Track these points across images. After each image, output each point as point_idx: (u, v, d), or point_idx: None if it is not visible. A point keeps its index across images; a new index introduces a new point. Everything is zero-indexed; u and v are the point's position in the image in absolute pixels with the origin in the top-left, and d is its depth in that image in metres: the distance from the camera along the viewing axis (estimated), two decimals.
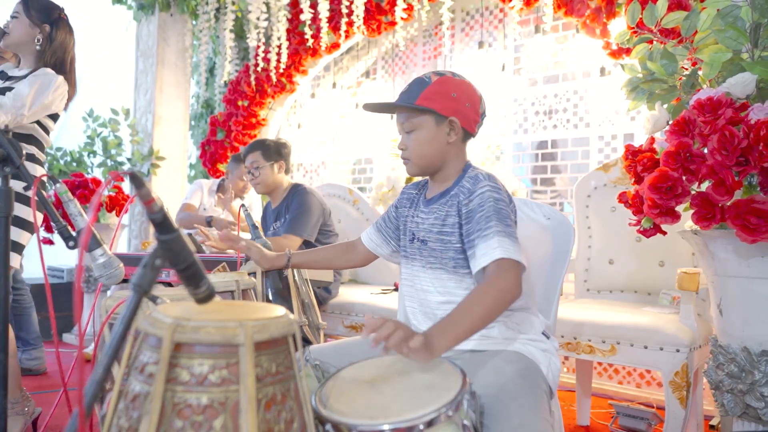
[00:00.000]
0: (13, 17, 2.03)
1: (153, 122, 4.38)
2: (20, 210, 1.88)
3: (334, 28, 3.69)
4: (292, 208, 2.56)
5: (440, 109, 1.25)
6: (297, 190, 2.62)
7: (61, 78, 1.98)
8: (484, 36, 3.56)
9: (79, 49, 2.14)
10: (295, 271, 1.98)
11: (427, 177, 1.38)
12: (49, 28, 2.02)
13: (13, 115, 1.85)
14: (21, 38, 2.01)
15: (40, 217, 1.96)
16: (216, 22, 4.35)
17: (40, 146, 2.02)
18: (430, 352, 1.00)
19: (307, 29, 3.71)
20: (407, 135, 1.30)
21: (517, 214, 1.62)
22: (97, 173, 4.32)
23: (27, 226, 1.90)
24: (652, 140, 1.54)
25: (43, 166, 2.04)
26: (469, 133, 1.31)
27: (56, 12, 2.06)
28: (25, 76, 1.95)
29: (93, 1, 4.72)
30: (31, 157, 1.97)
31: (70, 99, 2.10)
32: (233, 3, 4.06)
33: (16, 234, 1.88)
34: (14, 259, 1.90)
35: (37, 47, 2.01)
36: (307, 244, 2.53)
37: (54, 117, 2.06)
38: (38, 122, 1.99)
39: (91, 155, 4.32)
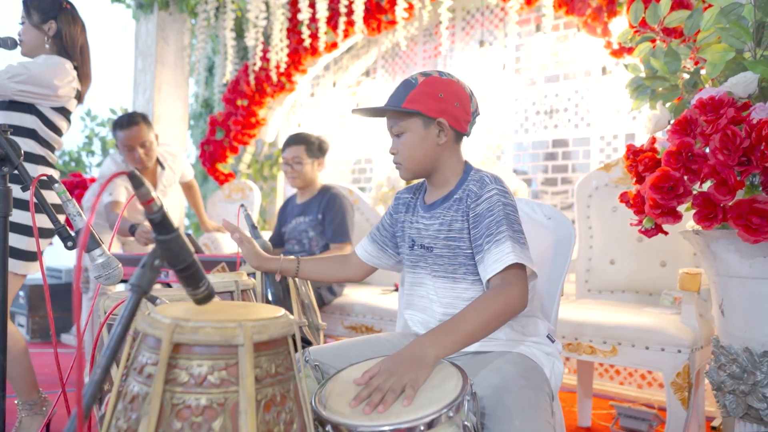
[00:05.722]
0: (21, 23, 1.95)
1: (152, 122, 4.36)
2: (29, 218, 1.82)
3: (334, 27, 3.69)
4: (333, 215, 2.61)
5: (427, 111, 1.22)
6: (331, 194, 2.67)
7: (63, 60, 1.88)
8: (484, 35, 3.56)
9: None
10: None
11: (421, 180, 1.35)
12: (55, 24, 1.93)
13: None
14: (32, 44, 1.94)
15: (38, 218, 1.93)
16: (215, 21, 4.34)
17: (47, 146, 1.93)
18: (424, 367, 0.97)
19: (305, 28, 3.70)
20: (397, 139, 1.26)
21: (518, 214, 1.62)
22: (96, 173, 4.31)
23: (41, 232, 1.88)
24: (654, 140, 1.53)
25: (54, 168, 1.96)
26: (461, 133, 1.27)
27: (57, 5, 1.95)
28: None
29: (91, 0, 4.71)
30: (39, 159, 1.90)
31: (84, 91, 2.01)
32: (232, 2, 4.05)
33: (27, 242, 1.84)
34: (33, 266, 1.88)
35: (47, 46, 1.93)
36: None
37: (63, 113, 1.96)
38: (44, 119, 1.90)
39: (90, 155, 4.32)
